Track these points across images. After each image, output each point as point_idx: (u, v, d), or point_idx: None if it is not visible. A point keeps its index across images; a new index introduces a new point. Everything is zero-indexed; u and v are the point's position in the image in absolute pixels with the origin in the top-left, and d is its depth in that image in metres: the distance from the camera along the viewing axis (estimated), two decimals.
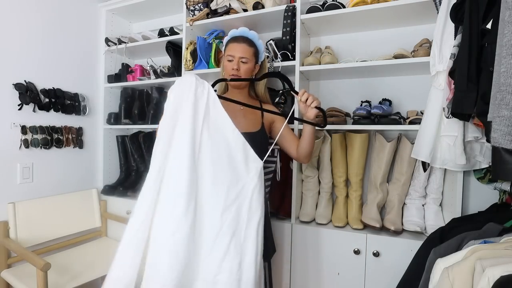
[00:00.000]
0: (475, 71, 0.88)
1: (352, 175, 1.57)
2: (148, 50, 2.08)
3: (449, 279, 0.75)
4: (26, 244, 1.59)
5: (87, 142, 2.05)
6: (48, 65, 1.81)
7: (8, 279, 1.49)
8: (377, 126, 1.44)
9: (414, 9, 1.39)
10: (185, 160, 0.89)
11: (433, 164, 1.22)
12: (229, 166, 0.96)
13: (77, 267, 1.59)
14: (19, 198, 1.66)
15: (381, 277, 1.35)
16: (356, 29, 1.65)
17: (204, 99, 0.95)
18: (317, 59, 1.54)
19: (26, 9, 1.69)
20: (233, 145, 0.97)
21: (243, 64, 1.22)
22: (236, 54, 1.22)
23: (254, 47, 1.26)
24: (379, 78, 1.65)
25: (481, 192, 1.41)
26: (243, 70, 1.23)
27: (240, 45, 1.23)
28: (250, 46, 1.24)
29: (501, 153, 0.73)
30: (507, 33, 0.68)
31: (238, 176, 0.97)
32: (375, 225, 1.40)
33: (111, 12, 2.15)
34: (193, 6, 1.75)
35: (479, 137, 1.04)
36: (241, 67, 1.22)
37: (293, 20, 1.53)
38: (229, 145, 0.96)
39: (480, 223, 0.97)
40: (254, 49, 1.25)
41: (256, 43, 1.27)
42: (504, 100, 0.67)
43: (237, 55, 1.22)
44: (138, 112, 2.05)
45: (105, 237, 2.02)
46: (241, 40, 1.24)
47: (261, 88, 1.35)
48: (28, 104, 1.69)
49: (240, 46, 1.23)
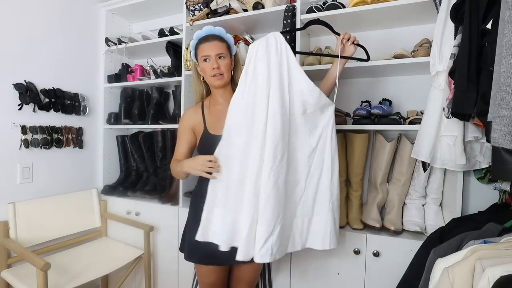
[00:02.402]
0: (475, 71, 0.88)
1: (352, 175, 1.57)
2: (148, 50, 2.08)
3: (449, 279, 0.75)
4: (26, 244, 1.59)
5: (87, 142, 2.05)
6: (48, 65, 1.81)
7: (8, 279, 1.49)
8: (377, 126, 1.44)
9: (414, 9, 1.39)
10: (278, 116, 1.03)
11: (433, 164, 1.22)
12: (309, 114, 1.11)
13: (77, 267, 1.59)
14: (19, 198, 1.66)
15: (381, 277, 1.35)
16: (356, 29, 1.65)
17: (284, 54, 1.07)
18: (317, 59, 1.54)
19: (26, 9, 1.69)
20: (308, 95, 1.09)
21: (222, 60, 1.20)
22: (211, 52, 1.18)
23: (225, 42, 1.23)
24: (379, 78, 1.65)
25: (481, 192, 1.41)
26: (223, 67, 1.19)
27: (212, 43, 1.19)
28: (222, 42, 1.22)
29: (501, 153, 0.73)
30: (507, 33, 0.68)
31: (316, 121, 1.13)
32: (375, 225, 1.40)
33: (111, 12, 2.15)
34: (193, 6, 1.75)
35: (479, 137, 1.04)
36: (221, 63, 1.19)
37: (293, 20, 1.53)
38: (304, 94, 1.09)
39: (480, 223, 0.97)
40: (226, 44, 1.23)
41: (225, 37, 1.24)
42: (504, 100, 0.67)
43: (213, 53, 1.18)
44: (138, 112, 2.05)
45: (105, 237, 2.02)
46: (210, 38, 1.20)
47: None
48: (28, 104, 1.69)
49: (212, 44, 1.19)
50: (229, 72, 1.23)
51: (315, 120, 1.12)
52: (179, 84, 1.86)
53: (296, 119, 1.09)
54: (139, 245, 1.85)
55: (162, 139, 1.98)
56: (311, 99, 1.08)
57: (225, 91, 1.27)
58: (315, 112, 1.11)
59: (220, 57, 1.19)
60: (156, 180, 2.02)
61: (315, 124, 1.12)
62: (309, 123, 1.11)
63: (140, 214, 1.91)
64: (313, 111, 1.11)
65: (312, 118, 1.11)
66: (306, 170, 1.12)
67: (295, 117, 1.09)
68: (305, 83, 1.07)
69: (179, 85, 1.87)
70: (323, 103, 1.11)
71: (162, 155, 1.99)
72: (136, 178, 2.11)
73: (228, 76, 1.22)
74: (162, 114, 2.04)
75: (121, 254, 1.78)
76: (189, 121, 1.25)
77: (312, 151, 1.12)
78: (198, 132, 1.24)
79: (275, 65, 1.04)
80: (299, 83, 1.07)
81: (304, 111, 1.09)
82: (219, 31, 1.23)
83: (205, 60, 1.20)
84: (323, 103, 1.11)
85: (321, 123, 1.13)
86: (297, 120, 1.09)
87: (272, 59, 1.04)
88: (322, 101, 1.10)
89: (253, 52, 1.05)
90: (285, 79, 1.05)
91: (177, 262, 1.80)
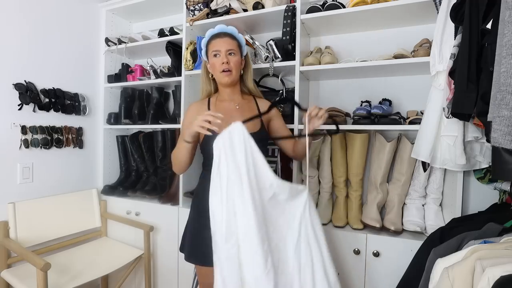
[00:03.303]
0: (475, 71, 0.88)
1: (352, 175, 1.57)
2: (148, 50, 2.08)
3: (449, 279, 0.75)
4: (26, 244, 1.59)
5: (87, 142, 2.05)
6: (48, 65, 1.81)
7: (8, 279, 1.49)
8: (377, 126, 1.44)
9: (414, 9, 1.39)
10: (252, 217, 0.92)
11: (433, 164, 1.22)
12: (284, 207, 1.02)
13: (77, 267, 1.59)
14: (19, 198, 1.66)
15: (381, 277, 1.35)
16: (356, 29, 1.65)
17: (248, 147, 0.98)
18: (317, 59, 1.54)
19: (26, 9, 1.69)
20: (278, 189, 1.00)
21: (232, 56, 1.20)
22: (222, 48, 1.19)
23: (237, 40, 1.25)
24: (379, 78, 1.65)
25: (481, 192, 1.41)
26: (233, 63, 1.20)
27: (223, 39, 1.21)
28: (233, 39, 1.23)
29: (501, 153, 0.73)
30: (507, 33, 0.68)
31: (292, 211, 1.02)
32: (375, 225, 1.40)
33: (111, 12, 2.15)
34: (193, 6, 1.75)
35: (479, 137, 1.04)
36: (230, 59, 1.20)
37: (293, 20, 1.53)
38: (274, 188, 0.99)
39: (480, 223, 0.97)
40: (237, 42, 1.25)
41: (237, 37, 1.26)
42: (504, 100, 0.67)
43: (223, 48, 1.19)
44: (138, 112, 2.05)
45: (105, 237, 2.02)
46: (222, 35, 1.22)
47: (250, 83, 1.33)
48: (28, 104, 1.69)
49: (223, 40, 1.20)
50: (238, 70, 1.24)
51: (290, 210, 1.02)
52: (179, 84, 1.86)
53: (271, 217, 0.99)
54: (139, 245, 1.85)
55: (162, 139, 1.98)
56: (282, 193, 1.00)
57: (233, 90, 1.27)
58: (288, 202, 1.02)
59: (231, 53, 1.20)
60: (156, 180, 2.02)
61: (293, 215, 1.02)
62: (283, 216, 1.02)
63: (140, 214, 1.91)
64: (286, 202, 1.02)
65: (287, 209, 1.02)
66: (296, 265, 1.00)
67: (271, 215, 0.99)
68: (273, 178, 0.99)
69: (179, 85, 1.87)
70: (294, 193, 1.03)
71: (162, 155, 1.99)
72: (136, 178, 2.11)
73: (236, 75, 1.23)
74: (162, 114, 2.04)
75: (121, 254, 1.78)
76: (193, 116, 1.20)
77: (297, 243, 1.01)
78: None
79: (243, 163, 0.95)
80: (268, 178, 0.99)
81: (277, 204, 1.01)
82: (232, 29, 1.25)
83: (215, 56, 1.20)
84: (294, 193, 1.03)
85: (298, 212, 1.02)
86: (273, 216, 1.00)
87: (238, 156, 0.96)
88: (293, 192, 1.02)
89: (221, 153, 0.96)
90: (252, 177, 0.96)
91: (177, 262, 1.80)
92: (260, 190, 0.97)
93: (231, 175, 0.95)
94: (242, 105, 1.27)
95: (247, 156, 0.96)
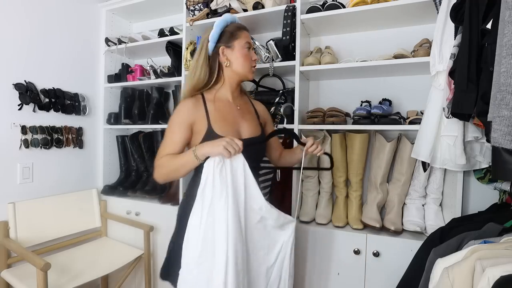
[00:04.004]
0: (475, 71, 0.88)
1: (352, 175, 1.57)
2: (148, 50, 2.08)
3: (449, 279, 0.75)
4: (26, 244, 1.59)
5: (87, 142, 2.05)
6: (48, 65, 1.81)
7: (8, 279, 1.49)
8: (377, 126, 1.44)
9: (414, 9, 1.39)
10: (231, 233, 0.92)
11: (433, 164, 1.22)
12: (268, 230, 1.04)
13: (77, 267, 1.58)
14: (19, 198, 1.66)
15: (381, 277, 1.35)
16: (356, 29, 1.65)
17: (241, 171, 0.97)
18: (317, 59, 1.54)
19: (26, 9, 1.69)
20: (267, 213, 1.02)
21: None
22: (251, 43, 1.10)
23: None
24: (379, 78, 1.65)
25: (481, 192, 1.41)
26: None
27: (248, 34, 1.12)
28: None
29: (501, 153, 0.73)
30: (507, 33, 0.68)
31: (276, 237, 1.05)
32: (375, 225, 1.40)
33: (111, 12, 2.15)
34: (193, 6, 1.75)
35: (479, 137, 1.04)
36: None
37: (293, 20, 1.53)
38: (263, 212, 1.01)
39: (480, 223, 0.97)
40: None
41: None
42: (504, 100, 0.67)
43: (251, 44, 1.09)
44: (138, 112, 2.05)
45: (105, 237, 2.02)
46: (246, 29, 1.13)
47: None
48: (28, 104, 1.69)
49: (249, 35, 1.11)
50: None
51: (274, 236, 1.05)
52: (179, 84, 1.86)
53: (254, 237, 1.01)
54: (139, 245, 1.85)
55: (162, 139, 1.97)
56: (270, 219, 1.02)
57: (238, 88, 1.17)
58: (275, 229, 1.04)
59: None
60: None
61: (275, 241, 1.05)
62: (267, 240, 1.04)
63: (140, 214, 1.91)
64: (272, 228, 1.04)
65: (271, 234, 1.04)
66: (264, 284, 1.04)
67: (253, 235, 1.01)
68: (263, 202, 1.00)
69: (179, 85, 1.87)
70: (282, 222, 1.05)
71: None
72: (136, 178, 2.11)
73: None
74: (162, 114, 2.04)
75: (121, 254, 1.78)
76: (189, 114, 1.04)
77: (270, 268, 1.04)
78: (199, 130, 1.04)
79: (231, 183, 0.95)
80: (256, 200, 0.99)
81: (263, 228, 1.02)
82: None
83: (248, 48, 1.09)
84: (282, 221, 1.05)
85: (281, 239, 1.05)
86: (255, 237, 1.01)
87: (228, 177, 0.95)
88: (281, 220, 1.04)
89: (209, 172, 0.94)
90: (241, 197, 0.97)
91: None
92: (247, 211, 0.99)
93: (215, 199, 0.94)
94: (242, 106, 1.17)
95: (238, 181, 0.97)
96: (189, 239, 0.96)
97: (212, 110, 1.06)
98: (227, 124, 1.06)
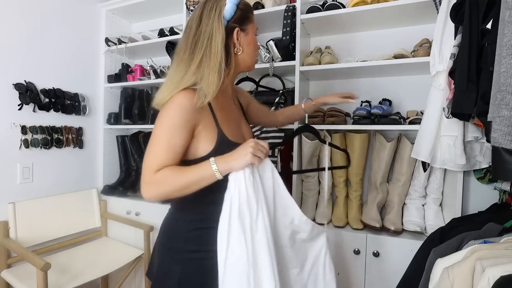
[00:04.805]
0: (475, 71, 0.88)
1: (352, 175, 1.57)
2: (148, 50, 2.08)
3: (449, 279, 0.75)
4: (26, 244, 1.59)
5: (87, 142, 2.05)
6: (48, 65, 1.81)
7: (8, 279, 1.49)
8: (377, 126, 1.44)
9: (414, 9, 1.39)
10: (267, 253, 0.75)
11: (433, 164, 1.22)
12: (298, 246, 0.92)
13: (77, 267, 1.58)
14: (19, 198, 1.66)
15: (381, 277, 1.35)
16: (356, 29, 1.65)
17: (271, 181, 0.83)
18: (317, 59, 1.54)
19: (26, 9, 1.69)
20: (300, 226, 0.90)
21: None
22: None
23: None
24: (379, 78, 1.65)
25: (481, 192, 1.41)
26: None
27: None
28: None
29: (501, 153, 0.73)
30: (507, 33, 0.68)
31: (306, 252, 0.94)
32: (375, 225, 1.40)
33: (111, 12, 2.15)
34: (193, 6, 1.75)
35: (479, 137, 1.04)
36: None
37: (293, 20, 1.53)
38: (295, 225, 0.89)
39: (480, 223, 0.97)
40: None
41: None
42: (504, 100, 0.67)
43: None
44: (138, 112, 2.05)
45: (105, 237, 2.02)
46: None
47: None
48: (28, 104, 1.69)
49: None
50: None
51: (305, 251, 0.94)
52: None
53: (284, 256, 0.88)
54: (139, 245, 1.85)
55: None
56: (302, 232, 0.90)
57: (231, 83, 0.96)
58: (305, 242, 0.93)
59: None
60: None
61: (306, 256, 0.94)
62: (300, 256, 0.92)
63: (140, 214, 1.91)
64: (302, 243, 0.93)
65: (302, 249, 0.93)
66: None
67: (284, 254, 0.88)
68: (296, 212, 0.87)
69: None
70: (315, 233, 0.94)
71: None
72: (136, 178, 2.11)
73: None
74: None
75: (121, 254, 1.78)
76: (193, 112, 0.77)
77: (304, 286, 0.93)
78: (207, 137, 0.81)
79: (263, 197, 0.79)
80: (287, 211, 0.86)
81: (293, 243, 0.90)
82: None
83: (256, 35, 0.92)
84: (315, 233, 0.94)
85: (312, 253, 0.95)
86: (286, 256, 0.89)
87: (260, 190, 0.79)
88: (314, 232, 0.93)
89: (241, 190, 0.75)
90: (271, 210, 0.83)
91: None
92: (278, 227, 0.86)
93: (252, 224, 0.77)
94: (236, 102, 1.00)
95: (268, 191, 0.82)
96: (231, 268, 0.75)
97: (217, 109, 0.84)
98: (234, 126, 0.88)
